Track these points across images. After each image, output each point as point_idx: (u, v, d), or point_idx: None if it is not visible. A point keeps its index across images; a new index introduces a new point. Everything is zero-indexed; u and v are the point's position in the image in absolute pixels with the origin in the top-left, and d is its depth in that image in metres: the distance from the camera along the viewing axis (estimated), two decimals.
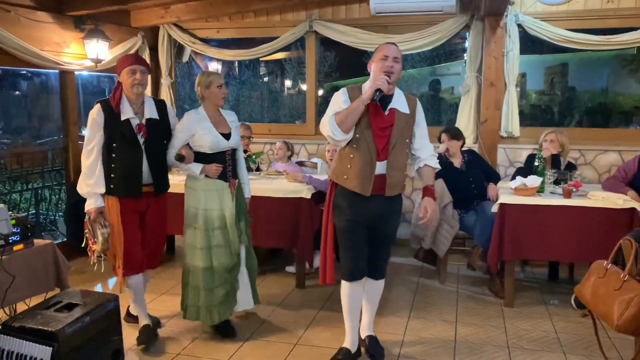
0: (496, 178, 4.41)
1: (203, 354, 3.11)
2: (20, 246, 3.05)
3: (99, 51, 4.86)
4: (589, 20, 4.75)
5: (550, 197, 3.67)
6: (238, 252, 3.30)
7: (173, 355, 3.10)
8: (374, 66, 2.73)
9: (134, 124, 3.05)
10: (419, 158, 2.91)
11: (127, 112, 3.04)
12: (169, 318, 3.61)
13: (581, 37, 4.68)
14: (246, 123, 4.94)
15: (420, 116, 2.87)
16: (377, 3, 4.83)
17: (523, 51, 4.89)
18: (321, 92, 5.90)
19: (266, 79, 6.94)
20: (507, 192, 3.77)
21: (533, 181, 3.69)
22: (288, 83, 6.70)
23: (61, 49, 4.75)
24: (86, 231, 3.07)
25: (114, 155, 3.02)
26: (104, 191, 3.03)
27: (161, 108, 3.20)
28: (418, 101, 2.89)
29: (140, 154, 3.07)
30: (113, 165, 3.02)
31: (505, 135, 4.96)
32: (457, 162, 4.36)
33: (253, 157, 4.78)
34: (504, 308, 3.79)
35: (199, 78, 3.21)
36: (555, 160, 4.13)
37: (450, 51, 5.91)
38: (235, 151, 3.32)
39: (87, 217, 3.05)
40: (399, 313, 3.71)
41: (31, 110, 6.94)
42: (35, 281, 3.12)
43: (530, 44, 5.04)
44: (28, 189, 5.66)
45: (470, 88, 5.03)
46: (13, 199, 5.50)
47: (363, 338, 3.10)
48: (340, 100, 2.76)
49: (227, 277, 3.25)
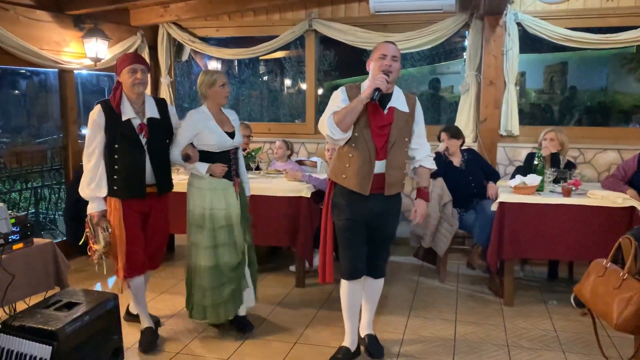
0: (496, 177, 4.41)
1: (203, 353, 3.12)
2: (19, 245, 3.05)
3: (99, 50, 4.86)
4: (589, 18, 4.76)
5: (549, 196, 3.67)
6: (243, 250, 3.30)
7: (173, 354, 3.10)
8: (373, 65, 2.73)
9: (136, 124, 3.01)
10: (414, 158, 2.92)
11: (128, 113, 2.99)
12: (169, 317, 3.61)
13: (581, 36, 4.68)
14: (245, 122, 4.94)
15: (419, 115, 2.87)
16: (377, 2, 4.83)
17: (522, 50, 4.89)
18: (321, 91, 5.90)
19: (266, 78, 6.94)
20: (507, 191, 3.77)
21: (532, 180, 3.69)
22: (287, 82, 6.70)
23: (60, 48, 4.75)
24: (87, 230, 3.04)
25: (116, 156, 2.98)
26: (106, 194, 2.99)
27: (162, 107, 3.17)
28: (417, 100, 2.89)
29: (142, 155, 3.03)
30: (116, 166, 2.98)
31: (504, 134, 4.96)
32: (457, 161, 4.36)
33: (252, 154, 4.78)
34: (504, 307, 3.80)
35: (202, 77, 3.19)
36: (554, 159, 4.14)
37: (449, 50, 5.91)
38: (237, 150, 3.32)
39: (89, 219, 3.02)
40: (399, 312, 3.71)
41: (30, 109, 6.93)
42: (35, 280, 3.12)
43: (529, 43, 5.04)
44: (27, 188, 5.66)
45: (469, 87, 5.03)
46: (12, 198, 5.50)
47: (363, 337, 3.10)
48: (339, 99, 2.75)
49: (233, 276, 3.25)
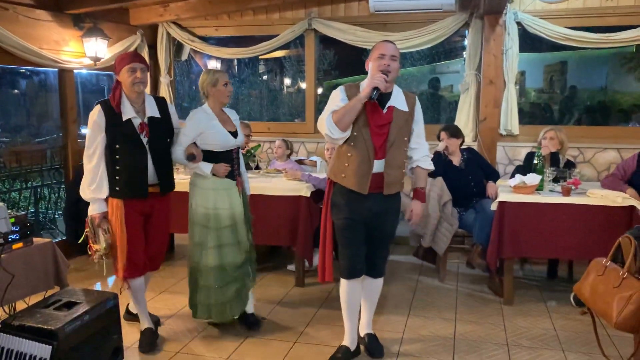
0: (495, 176, 4.41)
1: (203, 352, 3.12)
2: (19, 245, 3.05)
3: (98, 49, 4.86)
4: (588, 18, 4.76)
5: (549, 195, 3.67)
6: (247, 249, 3.31)
7: (173, 353, 3.10)
8: (371, 65, 2.73)
9: (136, 124, 2.98)
10: (412, 158, 2.91)
11: (129, 112, 2.96)
12: (169, 316, 3.61)
13: (580, 35, 4.68)
14: (245, 121, 4.93)
15: (418, 115, 2.87)
16: (376, 1, 4.83)
17: (522, 49, 4.89)
18: (320, 90, 5.90)
19: (265, 77, 6.94)
20: (506, 190, 3.77)
21: (532, 179, 3.70)
22: (287, 81, 6.69)
23: (60, 47, 4.74)
24: (87, 230, 3.02)
25: (118, 156, 2.95)
26: (107, 195, 2.96)
27: (162, 105, 3.14)
28: (417, 99, 2.88)
29: (144, 154, 3.00)
30: (117, 167, 2.95)
31: (504, 133, 4.96)
32: (457, 160, 4.36)
33: (252, 152, 4.78)
34: (503, 306, 3.80)
35: (204, 76, 3.19)
36: (554, 158, 4.14)
37: (449, 49, 5.91)
38: (238, 149, 3.33)
39: (90, 221, 3.00)
40: (399, 311, 3.71)
41: (30, 108, 6.92)
42: (34, 279, 3.12)
43: (529, 42, 5.03)
44: (27, 188, 5.65)
45: (469, 86, 5.02)
46: (12, 198, 5.49)
47: (362, 336, 3.10)
48: (338, 98, 2.75)
49: (238, 275, 3.26)
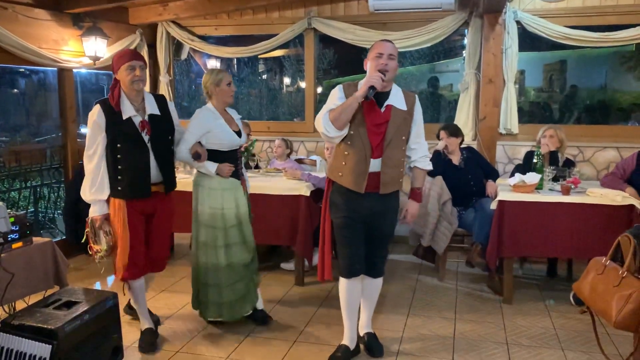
0: (495, 175, 4.41)
1: (203, 351, 3.12)
2: (19, 244, 3.05)
3: (97, 49, 4.85)
4: (588, 17, 4.75)
5: (548, 194, 3.68)
6: (253, 247, 3.33)
7: (173, 352, 3.10)
8: (370, 64, 2.73)
9: (137, 122, 2.94)
10: (410, 158, 2.91)
11: (129, 111, 2.93)
12: (169, 316, 3.62)
13: (580, 34, 4.68)
14: (245, 121, 4.92)
15: (418, 114, 2.86)
16: (376, 0, 4.82)
17: (522, 48, 4.89)
18: (320, 90, 5.89)
19: (265, 77, 6.93)
20: (506, 189, 3.78)
21: (532, 178, 3.70)
22: (287, 80, 6.69)
23: (59, 47, 4.74)
24: (87, 229, 3.00)
25: (119, 156, 2.90)
26: (108, 195, 2.93)
27: (161, 103, 3.11)
28: (417, 98, 2.87)
29: (146, 153, 2.96)
30: (119, 166, 2.91)
31: (504, 132, 4.96)
32: (456, 160, 4.36)
33: (250, 148, 4.77)
34: (503, 305, 3.80)
35: (207, 75, 3.19)
36: (553, 156, 4.14)
37: (449, 48, 5.91)
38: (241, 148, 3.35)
39: (91, 222, 2.97)
40: (398, 310, 3.72)
41: (29, 108, 6.91)
42: (34, 279, 3.12)
43: (528, 41, 5.03)
44: (27, 187, 5.65)
45: (469, 85, 5.02)
46: (12, 197, 5.49)
47: (362, 335, 3.10)
48: (335, 97, 2.76)
49: (246, 273, 3.29)
